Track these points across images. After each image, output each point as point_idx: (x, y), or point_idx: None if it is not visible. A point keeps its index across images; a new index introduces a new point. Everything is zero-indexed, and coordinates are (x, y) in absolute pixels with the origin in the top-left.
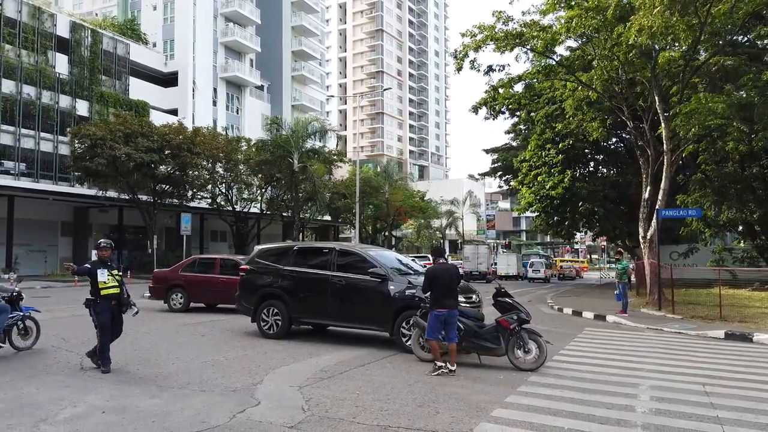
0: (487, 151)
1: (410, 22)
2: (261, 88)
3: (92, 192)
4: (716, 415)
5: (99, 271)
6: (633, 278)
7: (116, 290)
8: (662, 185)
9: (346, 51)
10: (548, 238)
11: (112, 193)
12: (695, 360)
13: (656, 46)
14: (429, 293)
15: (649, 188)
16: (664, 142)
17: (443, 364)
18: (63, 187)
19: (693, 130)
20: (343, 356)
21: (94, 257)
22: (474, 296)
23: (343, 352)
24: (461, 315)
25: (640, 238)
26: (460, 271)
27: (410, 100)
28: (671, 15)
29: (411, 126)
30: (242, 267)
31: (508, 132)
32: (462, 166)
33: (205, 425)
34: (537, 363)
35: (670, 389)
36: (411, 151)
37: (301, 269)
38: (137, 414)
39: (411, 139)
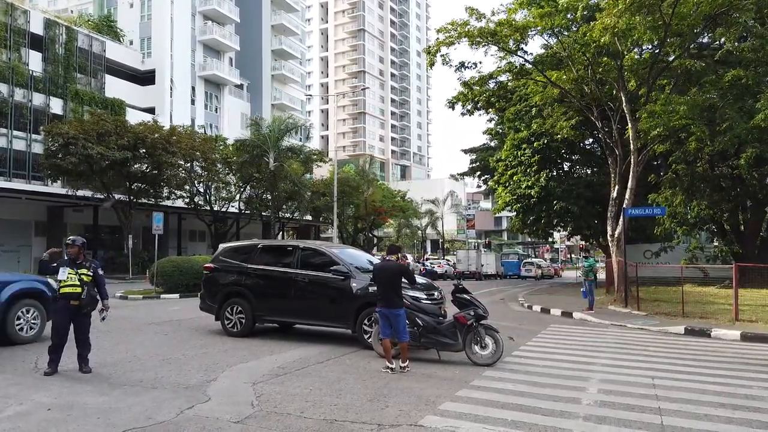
0: (465, 152)
1: (392, 22)
2: (240, 87)
3: (66, 191)
4: (658, 406)
5: (61, 269)
6: (603, 275)
7: (76, 290)
8: (629, 184)
9: (327, 50)
10: (528, 238)
11: (87, 192)
12: (650, 354)
13: (621, 48)
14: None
15: (617, 187)
16: (631, 142)
17: (392, 366)
18: (36, 186)
19: (657, 130)
20: (304, 353)
21: (65, 256)
22: (436, 293)
23: (304, 349)
24: (420, 311)
25: (608, 236)
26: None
27: (392, 100)
28: (632, 15)
29: (393, 126)
30: (206, 266)
31: (485, 132)
32: (444, 166)
33: (150, 421)
34: (493, 358)
35: (619, 382)
36: (393, 151)
37: (265, 267)
38: (83, 411)
39: (393, 139)
